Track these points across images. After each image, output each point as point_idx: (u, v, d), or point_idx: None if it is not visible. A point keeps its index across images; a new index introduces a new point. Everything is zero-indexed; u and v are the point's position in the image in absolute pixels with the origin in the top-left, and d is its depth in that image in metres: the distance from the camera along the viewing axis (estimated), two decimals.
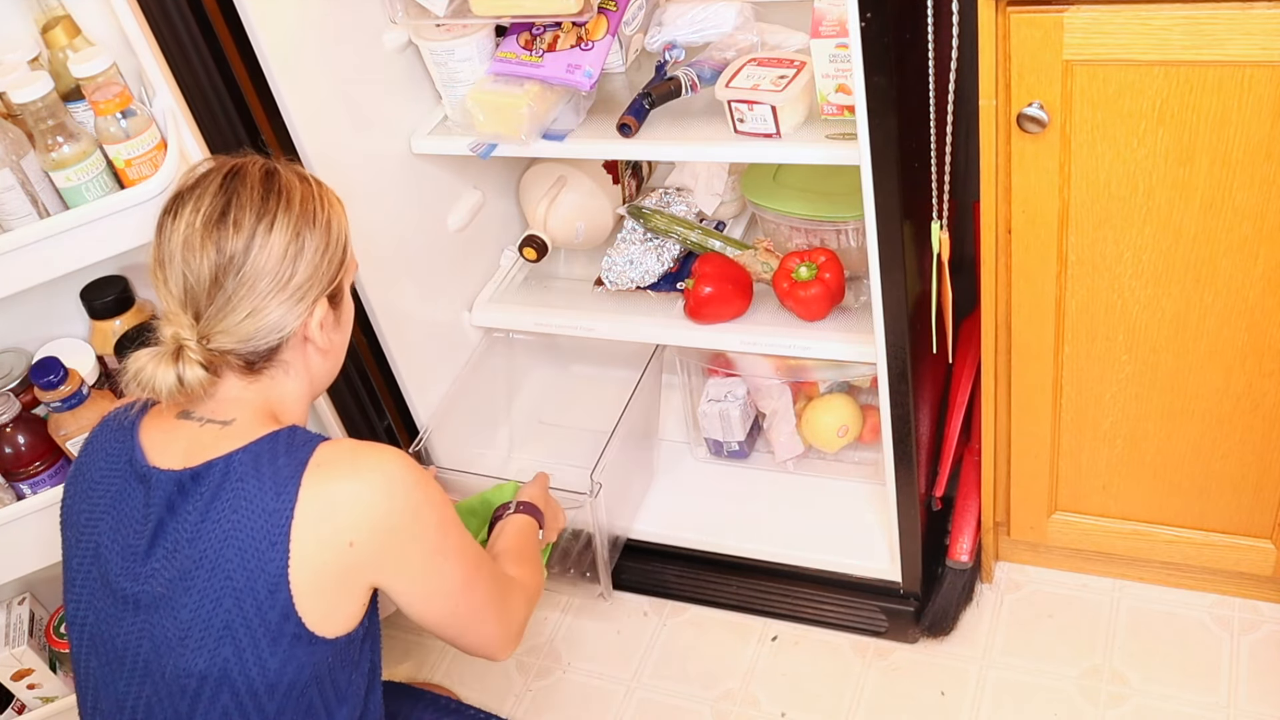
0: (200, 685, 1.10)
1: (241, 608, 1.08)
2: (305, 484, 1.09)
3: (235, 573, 1.08)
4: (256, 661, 1.09)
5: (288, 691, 1.11)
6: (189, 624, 1.09)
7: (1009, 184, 1.44)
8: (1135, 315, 1.51)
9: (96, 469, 1.18)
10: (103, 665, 1.16)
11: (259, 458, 1.10)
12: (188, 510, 1.10)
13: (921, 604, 1.82)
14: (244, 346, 1.14)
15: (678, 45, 1.62)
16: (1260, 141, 1.30)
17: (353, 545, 1.10)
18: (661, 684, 1.89)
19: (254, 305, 1.12)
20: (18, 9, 1.40)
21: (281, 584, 1.08)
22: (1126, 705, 1.70)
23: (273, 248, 1.12)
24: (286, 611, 1.08)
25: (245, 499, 1.09)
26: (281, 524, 1.08)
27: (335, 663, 1.14)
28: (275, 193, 1.14)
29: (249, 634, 1.08)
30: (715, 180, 1.86)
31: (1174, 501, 1.68)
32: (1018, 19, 1.30)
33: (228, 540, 1.08)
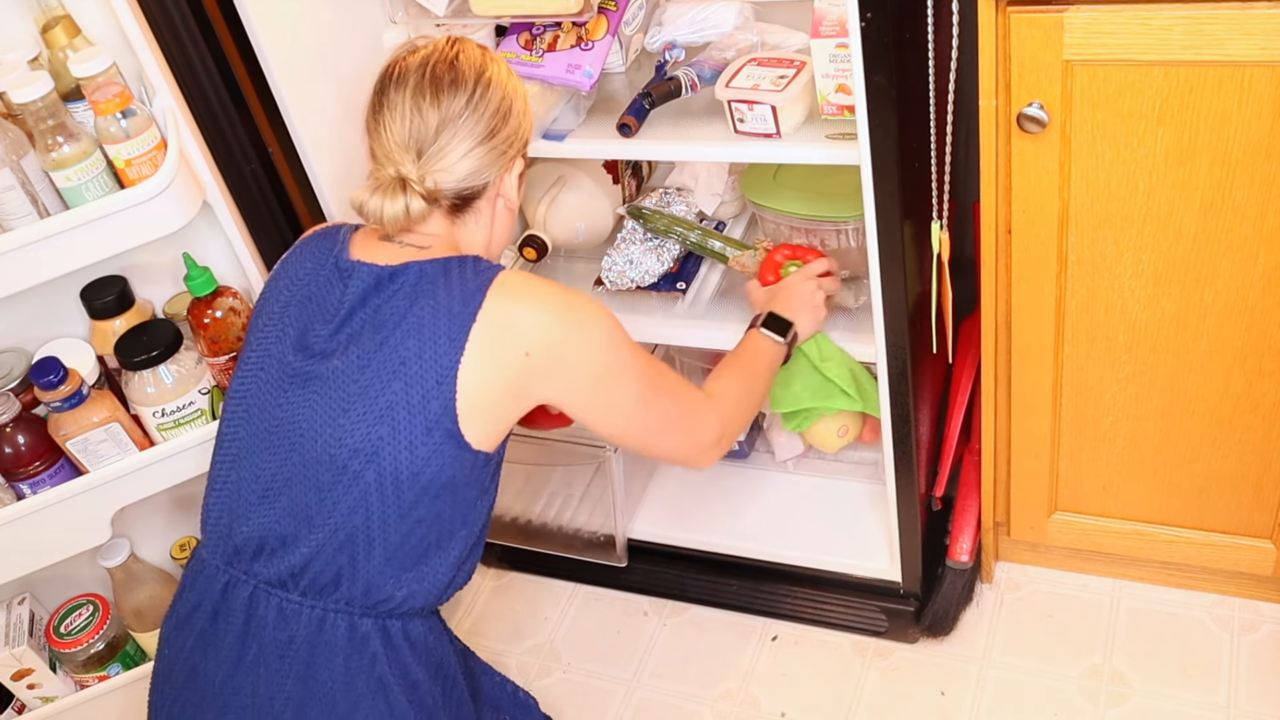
0: (350, 458, 1.18)
1: (408, 392, 1.17)
2: (490, 296, 1.20)
3: (410, 359, 1.17)
4: (409, 446, 1.17)
5: (425, 487, 1.19)
6: (355, 397, 1.18)
7: (1009, 184, 1.44)
8: (1135, 315, 1.51)
9: (303, 266, 1.30)
10: (253, 435, 1.24)
11: (449, 269, 1.22)
12: (378, 302, 1.21)
13: (921, 604, 1.82)
14: (456, 184, 1.25)
15: (678, 45, 1.62)
16: (1260, 141, 1.30)
17: (528, 355, 1.20)
18: (661, 684, 1.89)
19: (473, 144, 1.24)
20: (18, 9, 1.40)
21: (449, 378, 1.17)
22: (1126, 705, 1.70)
23: (493, 95, 1.26)
24: (447, 406, 1.17)
25: (433, 300, 1.20)
26: (464, 325, 1.18)
27: (470, 477, 1.22)
28: (489, 56, 1.29)
29: (408, 418, 1.17)
30: (715, 180, 1.86)
31: (1174, 501, 1.68)
32: (1018, 19, 1.30)
33: (411, 331, 1.18)
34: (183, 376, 1.52)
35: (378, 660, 1.22)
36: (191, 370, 1.53)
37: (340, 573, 1.20)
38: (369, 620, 1.22)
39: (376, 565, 1.20)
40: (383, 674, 1.22)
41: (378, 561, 1.20)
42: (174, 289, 1.63)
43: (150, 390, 1.51)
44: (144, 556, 1.72)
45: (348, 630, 1.21)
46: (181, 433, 1.54)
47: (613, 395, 1.28)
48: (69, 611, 1.71)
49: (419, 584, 1.23)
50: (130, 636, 1.74)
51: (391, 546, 1.20)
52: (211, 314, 1.53)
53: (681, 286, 1.78)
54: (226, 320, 1.53)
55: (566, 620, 2.02)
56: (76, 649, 1.68)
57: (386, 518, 1.19)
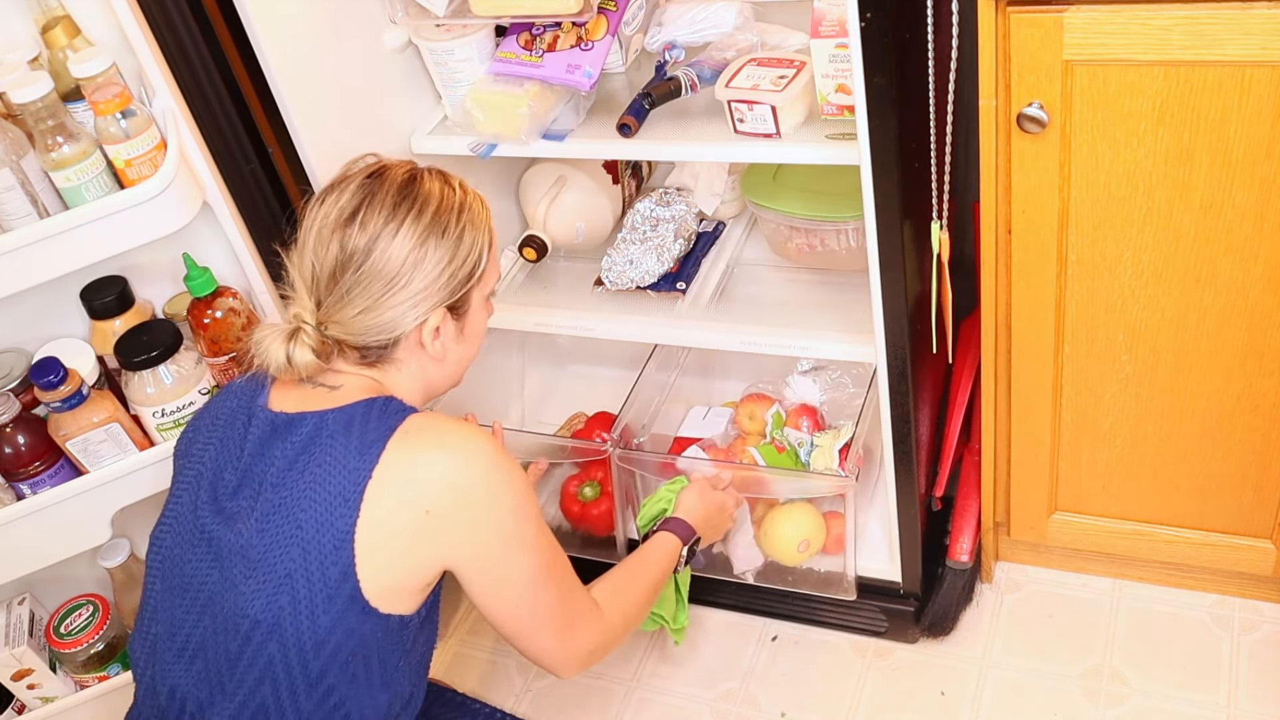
0: (252, 629, 1.12)
1: (305, 559, 1.10)
2: (389, 448, 1.12)
3: (306, 523, 1.11)
4: (309, 616, 1.11)
5: (333, 654, 1.12)
6: (255, 564, 1.12)
7: (1009, 184, 1.44)
8: (1135, 315, 1.51)
9: (225, 406, 1.25)
10: (168, 591, 1.20)
11: (351, 419, 1.15)
12: (275, 455, 1.15)
13: (921, 604, 1.82)
14: (356, 339, 1.19)
15: (678, 45, 1.62)
16: (1260, 141, 1.30)
17: (428, 514, 1.12)
18: (661, 684, 1.89)
19: (368, 303, 1.16)
20: (18, 9, 1.40)
21: (346, 542, 1.10)
22: (1126, 705, 1.70)
23: (393, 252, 1.16)
24: (346, 572, 1.10)
25: (330, 455, 1.13)
26: (359, 483, 1.11)
27: (386, 641, 1.15)
28: (410, 199, 1.18)
29: (307, 587, 1.10)
30: (715, 180, 1.86)
31: (1174, 501, 1.68)
32: (1018, 19, 1.30)
33: (306, 492, 1.12)
34: (183, 377, 1.52)
35: None
36: (191, 370, 1.53)
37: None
38: None
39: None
40: None
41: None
42: (174, 289, 1.63)
43: (150, 390, 1.51)
44: (144, 557, 1.71)
45: None
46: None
47: (508, 569, 1.19)
48: (69, 611, 1.71)
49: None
50: (130, 636, 1.74)
51: (304, 715, 1.13)
52: (211, 314, 1.53)
53: (681, 286, 1.78)
54: (226, 320, 1.53)
55: None
56: (76, 649, 1.68)
57: (295, 689, 1.13)
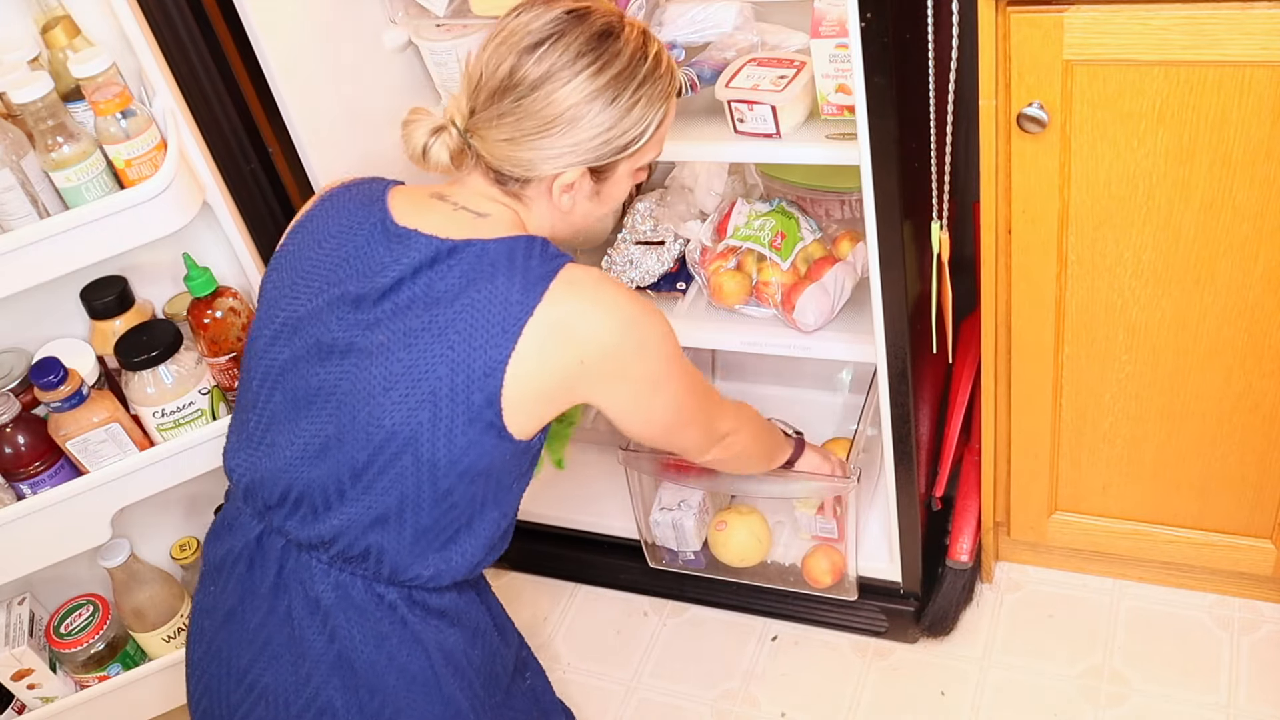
0: (387, 440, 1.13)
1: (453, 379, 1.11)
2: (551, 290, 1.12)
3: (459, 345, 1.11)
4: (447, 434, 1.12)
5: (463, 474, 1.15)
6: (397, 377, 1.12)
7: (1009, 184, 1.44)
8: (1135, 315, 1.51)
9: (336, 223, 1.21)
10: (287, 402, 1.19)
11: (514, 252, 1.14)
12: (433, 277, 1.14)
13: (921, 604, 1.82)
14: (493, 162, 1.17)
15: (678, 45, 1.62)
16: (1260, 141, 1.30)
17: (582, 363, 1.14)
18: (661, 684, 1.89)
19: (515, 135, 1.14)
20: (18, 9, 1.40)
21: (498, 371, 1.11)
22: (1126, 705, 1.70)
23: (558, 98, 1.13)
24: (491, 398, 1.11)
25: (493, 285, 1.12)
26: (520, 317, 1.11)
27: (508, 464, 1.18)
28: (597, 51, 1.14)
29: (450, 406, 1.11)
30: (715, 180, 1.85)
31: (1174, 501, 1.68)
32: (1018, 19, 1.30)
33: (463, 313, 1.12)
34: (183, 377, 1.52)
35: (407, 622, 1.20)
36: (191, 370, 1.53)
37: (369, 549, 1.17)
38: (394, 590, 1.20)
39: (406, 544, 1.17)
40: (416, 631, 1.20)
41: (407, 541, 1.17)
42: (174, 289, 1.63)
43: (150, 390, 1.51)
44: (144, 556, 1.71)
45: (373, 598, 1.19)
46: (181, 433, 1.54)
47: (655, 408, 1.25)
48: (69, 611, 1.71)
49: (446, 564, 1.20)
50: (130, 636, 1.74)
51: (422, 528, 1.17)
52: (211, 314, 1.53)
53: (681, 286, 1.78)
54: (226, 320, 1.53)
55: (566, 620, 2.02)
56: (76, 649, 1.68)
57: (420, 501, 1.15)
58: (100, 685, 1.70)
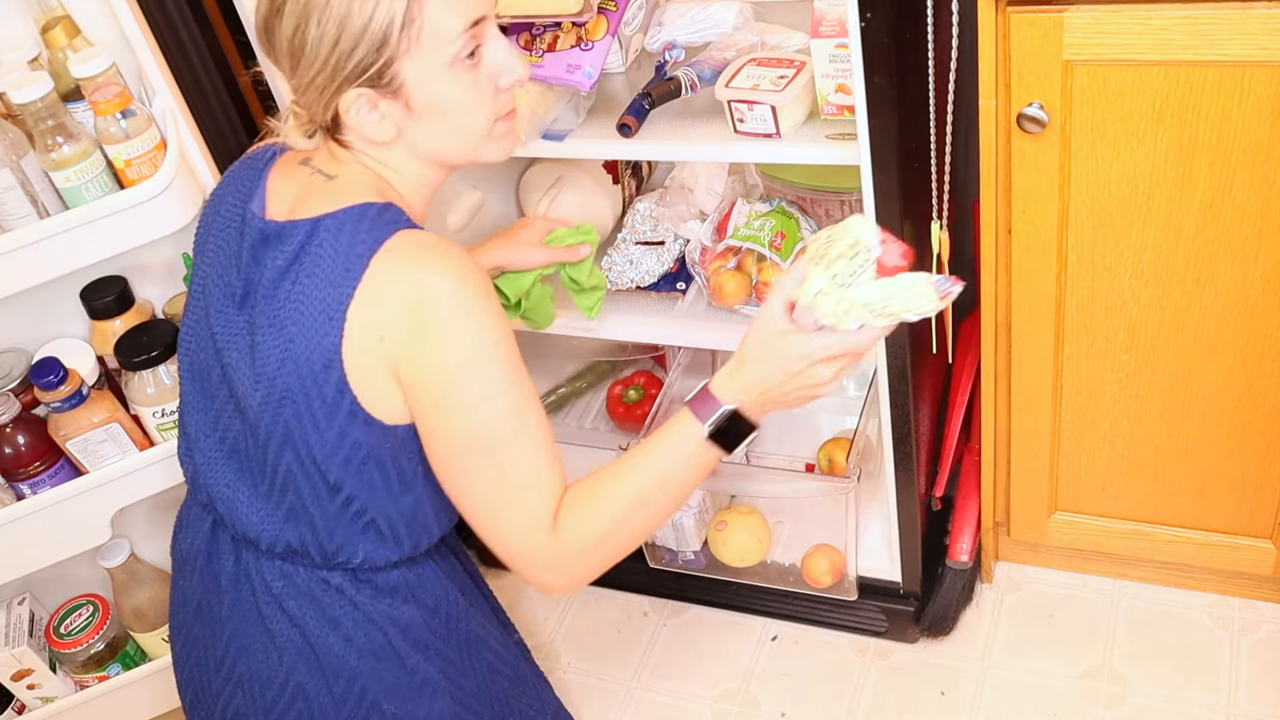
0: (267, 439, 1.12)
1: (300, 375, 1.08)
2: (371, 266, 1.06)
3: (297, 339, 1.07)
4: (315, 429, 1.09)
5: (344, 463, 1.10)
6: (259, 377, 1.10)
7: (1009, 184, 1.44)
8: (1135, 315, 1.51)
9: (226, 203, 1.19)
10: (196, 392, 1.19)
11: (342, 227, 1.08)
12: (267, 263, 1.10)
13: (921, 604, 1.82)
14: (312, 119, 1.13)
15: (678, 45, 1.62)
16: (1260, 141, 1.30)
17: (383, 340, 1.06)
18: (661, 684, 1.89)
19: (294, 83, 1.10)
20: (18, 9, 1.40)
21: (335, 361, 1.06)
22: (1126, 705, 1.70)
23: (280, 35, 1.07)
24: (340, 388, 1.07)
25: (318, 268, 1.07)
26: (342, 301, 1.06)
27: (397, 449, 1.11)
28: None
29: (306, 402, 1.08)
30: (715, 180, 1.85)
31: (1174, 501, 1.68)
32: (1018, 19, 1.30)
33: (296, 306, 1.08)
34: None
35: (357, 603, 1.18)
36: None
37: (290, 543, 1.15)
38: (338, 574, 1.17)
39: (324, 538, 1.15)
40: (367, 612, 1.17)
41: (324, 535, 1.14)
42: (174, 289, 1.63)
43: (150, 390, 1.51)
44: (144, 556, 1.72)
45: (319, 583, 1.17)
46: None
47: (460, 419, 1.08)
48: (69, 611, 1.71)
49: (374, 549, 1.16)
50: (130, 636, 1.74)
51: (331, 519, 1.13)
52: None
53: (681, 286, 1.78)
54: None
55: (566, 620, 2.02)
56: (76, 649, 1.68)
57: (318, 495, 1.12)
58: (100, 685, 1.70)
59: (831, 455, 1.89)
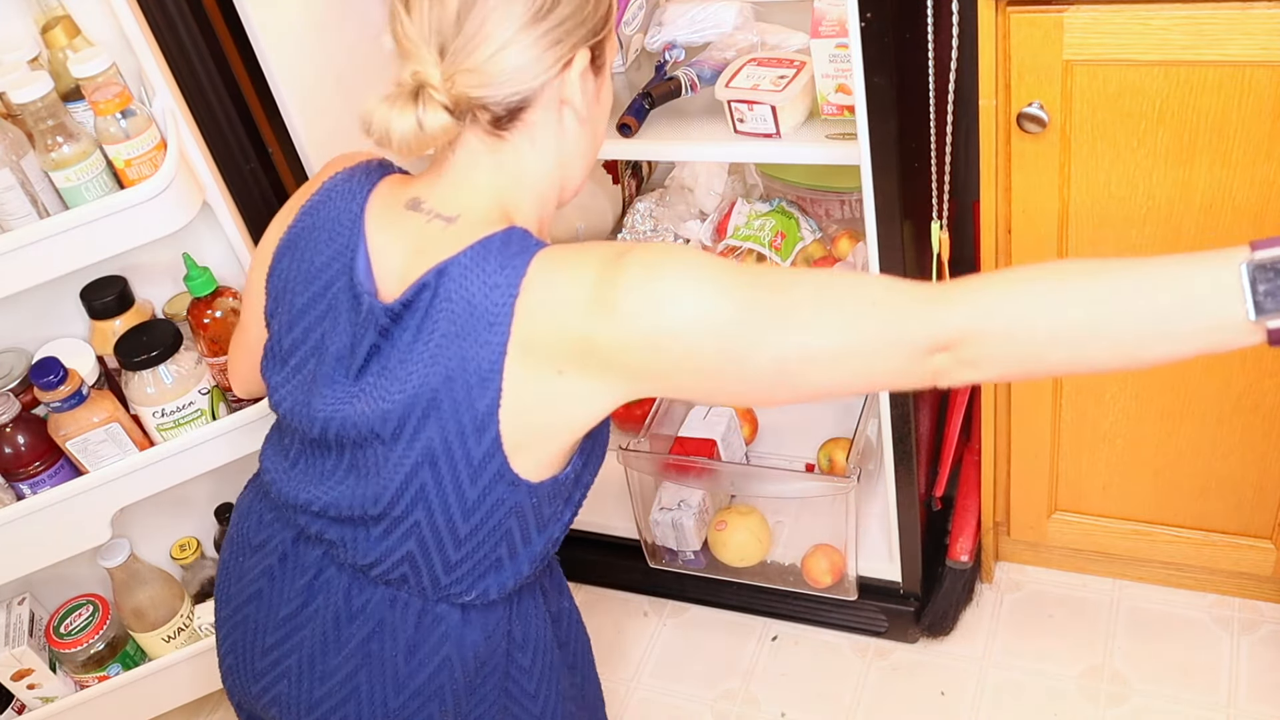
0: (393, 502, 1.03)
1: (445, 438, 0.99)
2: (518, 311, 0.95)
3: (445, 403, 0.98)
4: (455, 492, 1.01)
5: (481, 524, 1.03)
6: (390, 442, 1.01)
7: (1009, 184, 1.44)
8: None
9: (320, 257, 1.06)
10: (303, 435, 1.09)
11: (468, 273, 0.97)
12: (395, 336, 1.00)
13: (921, 604, 1.82)
14: (490, 92, 0.97)
15: (678, 45, 1.62)
16: (1260, 141, 1.30)
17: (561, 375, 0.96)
18: (661, 684, 1.89)
19: (505, 36, 0.96)
20: (18, 9, 1.40)
21: (491, 423, 0.97)
22: (1126, 705, 1.70)
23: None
24: (491, 450, 0.98)
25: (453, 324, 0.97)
26: (494, 360, 0.95)
27: (541, 501, 1.04)
28: None
29: (449, 466, 1.00)
30: (715, 180, 1.86)
31: (1174, 501, 1.68)
32: (1018, 19, 1.30)
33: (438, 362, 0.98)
34: (183, 377, 1.52)
35: (447, 640, 1.10)
36: (191, 370, 1.53)
37: (405, 576, 1.08)
38: (444, 605, 1.10)
39: (439, 574, 1.08)
40: (449, 654, 1.11)
41: (439, 571, 1.08)
42: (174, 289, 1.63)
43: (150, 390, 1.51)
44: (144, 556, 1.72)
45: (418, 611, 1.10)
46: (181, 433, 1.54)
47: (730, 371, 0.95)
48: (69, 611, 1.71)
49: (490, 584, 1.09)
50: (130, 636, 1.74)
51: (451, 564, 1.07)
52: (211, 314, 1.53)
53: None
54: (226, 320, 1.53)
55: None
56: (76, 649, 1.68)
57: (443, 546, 1.05)
58: (100, 685, 1.70)
59: (831, 455, 1.89)
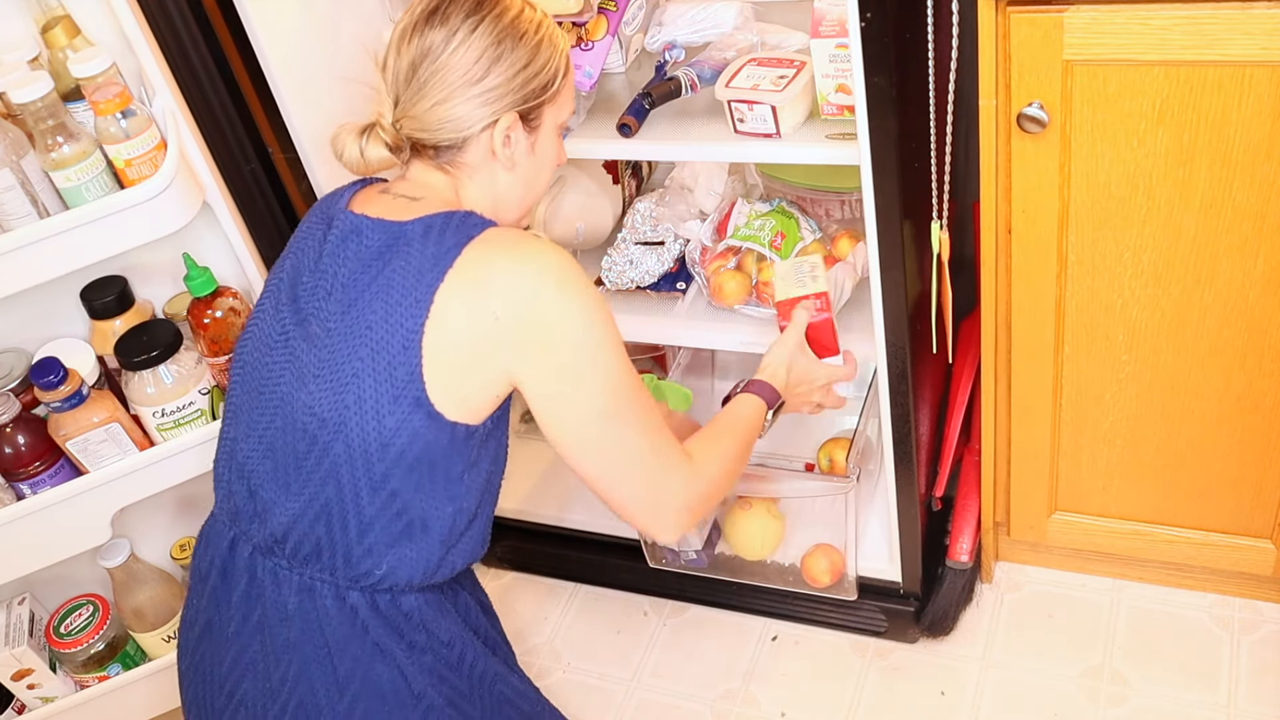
0: (320, 428, 1.14)
1: (374, 359, 1.12)
2: (463, 255, 1.12)
3: (376, 324, 1.12)
4: (375, 416, 1.12)
5: (397, 457, 1.13)
6: (324, 363, 1.14)
7: (1009, 184, 1.44)
8: (1135, 315, 1.51)
9: (308, 220, 1.26)
10: (245, 393, 1.22)
11: (429, 227, 1.15)
12: (349, 255, 1.16)
13: (921, 604, 1.82)
14: (429, 135, 1.19)
15: (678, 45, 1.62)
16: (1260, 141, 1.30)
17: (497, 319, 1.12)
18: (661, 684, 1.89)
19: (443, 94, 1.17)
20: (18, 9, 1.40)
21: (414, 343, 1.11)
22: (1126, 705, 1.70)
23: (471, 44, 1.17)
24: (413, 373, 1.11)
25: (404, 260, 1.13)
26: (430, 286, 1.11)
27: (450, 450, 1.15)
28: (490, 2, 1.19)
29: (374, 385, 1.12)
30: (715, 180, 1.85)
31: (1174, 501, 1.68)
32: (1018, 19, 1.30)
33: (378, 293, 1.13)
34: (183, 376, 1.52)
35: (370, 628, 1.19)
36: (191, 370, 1.53)
37: (319, 544, 1.16)
38: (355, 592, 1.18)
39: (353, 539, 1.16)
40: (378, 639, 1.19)
41: (353, 535, 1.16)
42: (174, 289, 1.63)
43: (150, 390, 1.51)
44: (144, 556, 1.72)
45: (335, 600, 1.18)
46: (181, 433, 1.54)
47: (578, 391, 1.15)
48: (69, 611, 1.71)
49: (400, 562, 1.18)
50: (130, 636, 1.74)
51: (366, 521, 1.15)
52: (211, 314, 1.53)
53: (681, 286, 1.78)
54: (226, 320, 1.53)
55: (567, 620, 2.02)
56: (76, 649, 1.68)
57: (359, 491, 1.14)
58: (100, 685, 1.70)
59: (831, 455, 1.89)
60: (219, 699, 1.23)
